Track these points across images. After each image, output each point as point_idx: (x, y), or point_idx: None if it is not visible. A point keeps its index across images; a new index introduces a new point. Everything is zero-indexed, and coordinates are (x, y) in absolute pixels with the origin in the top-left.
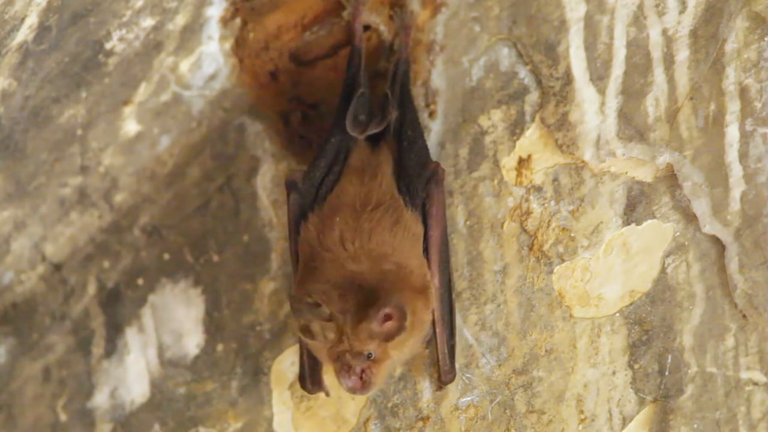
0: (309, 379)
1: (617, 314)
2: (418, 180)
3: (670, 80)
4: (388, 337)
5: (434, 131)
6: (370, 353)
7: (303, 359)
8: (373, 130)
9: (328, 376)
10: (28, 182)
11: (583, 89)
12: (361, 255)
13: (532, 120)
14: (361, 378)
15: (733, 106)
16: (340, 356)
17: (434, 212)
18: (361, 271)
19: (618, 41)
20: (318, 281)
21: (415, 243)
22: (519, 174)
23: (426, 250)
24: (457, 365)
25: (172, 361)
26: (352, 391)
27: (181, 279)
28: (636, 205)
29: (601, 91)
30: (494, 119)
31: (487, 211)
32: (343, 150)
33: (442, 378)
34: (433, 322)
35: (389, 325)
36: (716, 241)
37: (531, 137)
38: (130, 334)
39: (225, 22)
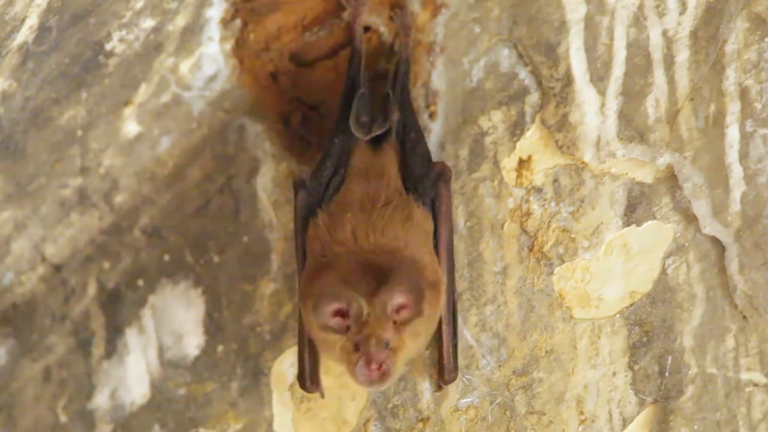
0: (309, 377)
1: (617, 315)
2: (426, 179)
3: (671, 81)
4: (405, 320)
5: (434, 132)
6: (388, 341)
7: (304, 357)
8: (377, 132)
9: (327, 376)
10: (28, 183)
11: (584, 90)
12: (377, 248)
13: (533, 121)
14: (380, 368)
15: (734, 107)
16: (361, 344)
17: (443, 211)
18: (379, 261)
19: (618, 42)
20: (337, 270)
21: (426, 239)
22: (519, 175)
23: (435, 248)
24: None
25: (173, 362)
26: (370, 383)
27: (181, 280)
28: (636, 206)
29: (602, 92)
30: (494, 120)
31: (487, 212)
32: (346, 151)
33: (445, 377)
34: (439, 320)
35: (406, 307)
36: (716, 242)
37: (531, 138)
38: (131, 335)
39: (225, 23)
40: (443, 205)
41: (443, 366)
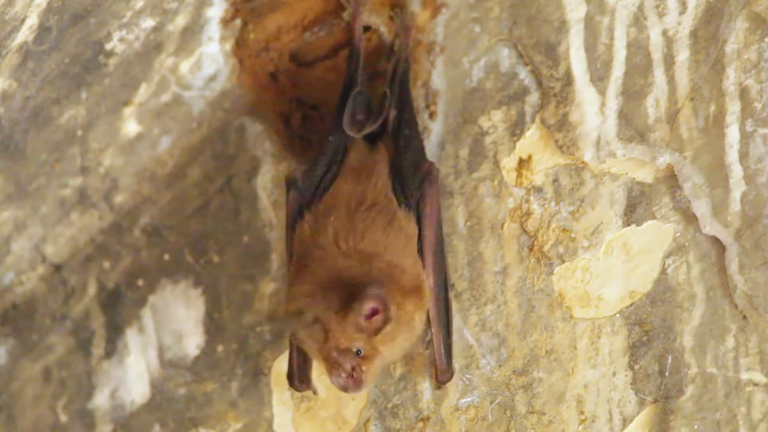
0: (297, 376)
1: (617, 315)
2: (412, 180)
3: (671, 81)
4: (375, 331)
5: (434, 132)
6: (359, 350)
7: (292, 356)
8: (369, 129)
9: (323, 377)
10: (28, 183)
11: (584, 90)
12: (353, 253)
13: (533, 121)
14: (352, 375)
15: (734, 107)
16: (328, 354)
17: (428, 212)
18: (349, 267)
19: (618, 42)
20: (305, 282)
21: (408, 243)
22: (519, 175)
23: (420, 251)
24: (456, 365)
25: (173, 361)
26: (344, 389)
27: (181, 280)
28: (636, 206)
29: (602, 92)
30: (494, 120)
31: (487, 211)
32: (341, 149)
33: (439, 377)
34: (429, 322)
35: (375, 319)
36: (716, 241)
37: (531, 138)
38: (131, 335)
39: (225, 22)
40: (428, 207)
41: (436, 367)
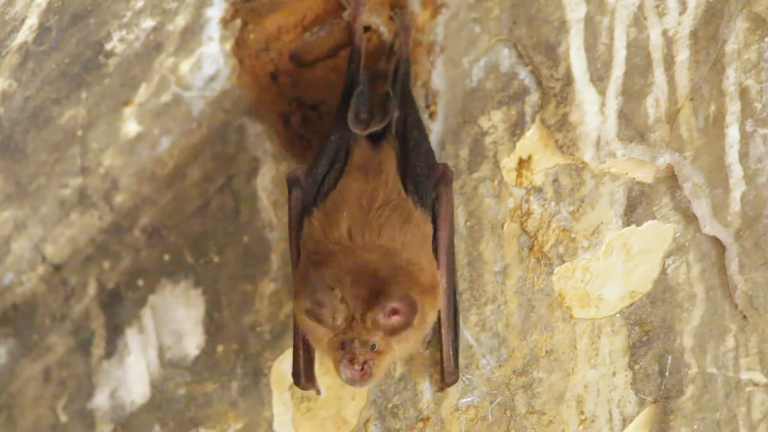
0: (303, 374)
1: (617, 315)
2: (427, 181)
3: (671, 81)
4: (394, 331)
5: (434, 132)
6: (374, 344)
7: (298, 354)
8: (375, 128)
9: (328, 376)
10: (28, 183)
11: (584, 90)
12: (372, 247)
13: (533, 121)
14: (363, 368)
15: (734, 107)
16: (346, 344)
17: (443, 213)
18: (373, 260)
19: (618, 42)
20: (332, 267)
21: (424, 242)
22: (519, 175)
23: (434, 251)
24: None
25: (173, 361)
26: (352, 381)
27: (181, 280)
28: (636, 206)
29: (602, 92)
30: (494, 120)
31: (487, 211)
32: (343, 147)
33: (446, 379)
34: (439, 323)
35: (397, 318)
36: (716, 241)
37: (531, 138)
38: (131, 335)
39: (225, 23)
40: (443, 207)
41: (443, 368)
